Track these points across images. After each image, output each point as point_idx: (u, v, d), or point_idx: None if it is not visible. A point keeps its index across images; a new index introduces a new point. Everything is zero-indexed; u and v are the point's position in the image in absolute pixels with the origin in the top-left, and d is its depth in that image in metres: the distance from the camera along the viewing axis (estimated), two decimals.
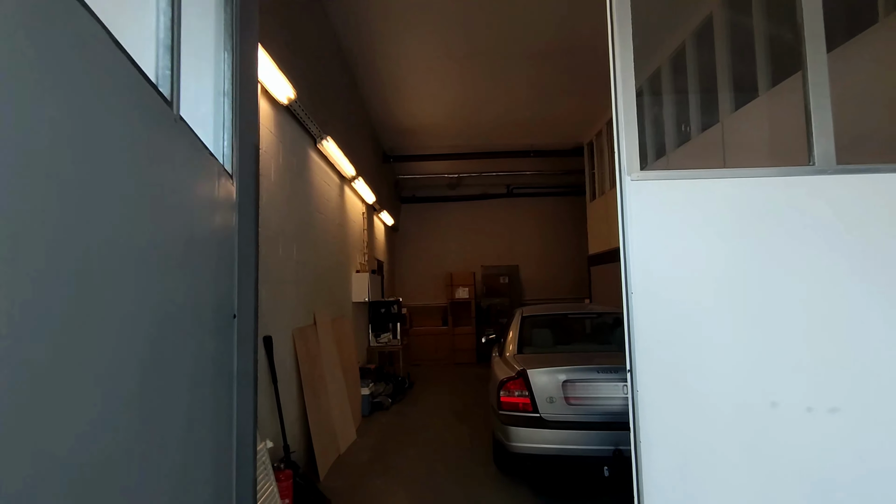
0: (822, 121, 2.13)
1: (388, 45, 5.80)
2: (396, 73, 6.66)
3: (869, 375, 2.03)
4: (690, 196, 2.16)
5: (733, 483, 2.03)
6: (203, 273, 1.55)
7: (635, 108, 2.13)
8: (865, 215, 2.08)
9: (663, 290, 2.10)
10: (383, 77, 6.78)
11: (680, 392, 2.06)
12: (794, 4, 2.17)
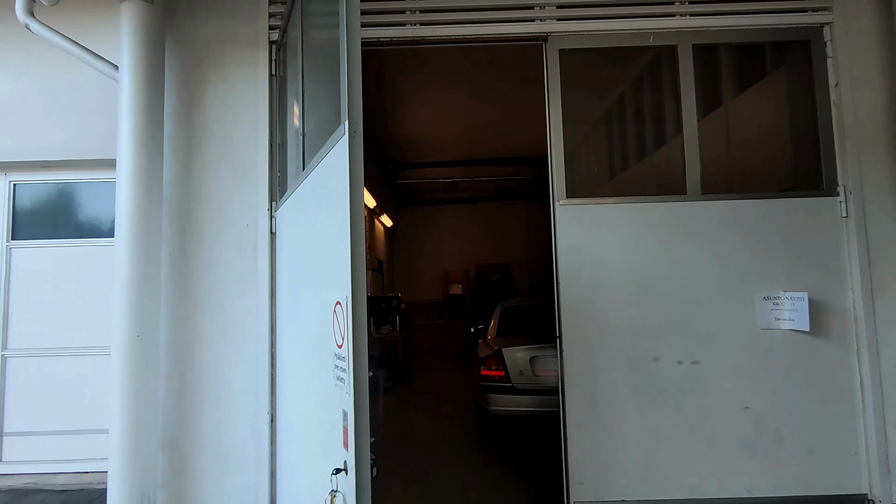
0: (692, 164, 3.07)
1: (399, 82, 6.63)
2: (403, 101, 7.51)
3: (718, 338, 2.97)
4: (603, 214, 3.09)
5: (626, 411, 2.97)
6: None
7: (563, 157, 3.06)
8: (716, 226, 3.02)
9: (582, 278, 3.04)
10: (392, 104, 7.64)
11: (591, 350, 3.00)
12: (679, 88, 3.10)
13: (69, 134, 4.37)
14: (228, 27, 3.16)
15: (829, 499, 2.92)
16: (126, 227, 2.76)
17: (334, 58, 1.91)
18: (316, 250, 2.04)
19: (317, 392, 1.94)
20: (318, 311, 1.97)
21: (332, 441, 1.72)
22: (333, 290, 1.75)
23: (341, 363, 1.66)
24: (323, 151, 1.98)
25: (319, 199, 1.99)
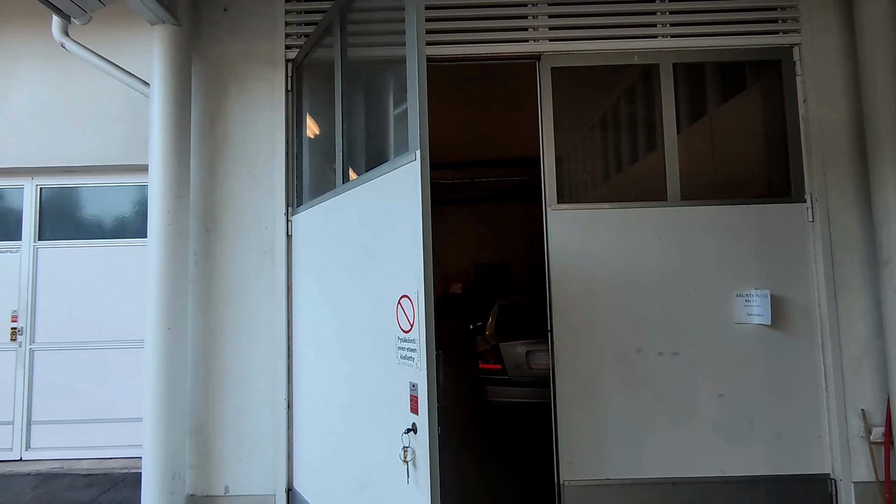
0: (672, 173, 3.36)
1: None
2: None
3: (696, 331, 3.27)
4: (591, 219, 3.38)
5: (611, 399, 3.26)
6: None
7: (554, 167, 3.35)
8: (694, 230, 3.31)
9: (571, 277, 3.33)
10: None
11: (580, 343, 3.29)
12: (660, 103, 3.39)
13: (92, 141, 4.66)
14: (248, 46, 3.44)
15: (795, 478, 3.22)
16: (157, 229, 3.05)
17: (375, 82, 2.19)
18: (370, 253, 2.35)
19: (373, 371, 2.28)
20: (372, 306, 2.30)
21: (398, 408, 2.08)
22: (399, 287, 2.09)
23: (409, 345, 2.02)
24: (381, 170, 2.29)
25: (378, 209, 2.30)
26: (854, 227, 3.28)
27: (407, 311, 2.05)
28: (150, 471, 2.96)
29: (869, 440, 3.15)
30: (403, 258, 2.07)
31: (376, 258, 2.32)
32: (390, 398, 2.16)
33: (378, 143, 2.60)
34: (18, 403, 4.65)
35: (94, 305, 4.75)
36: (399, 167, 2.14)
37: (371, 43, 2.60)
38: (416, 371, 1.96)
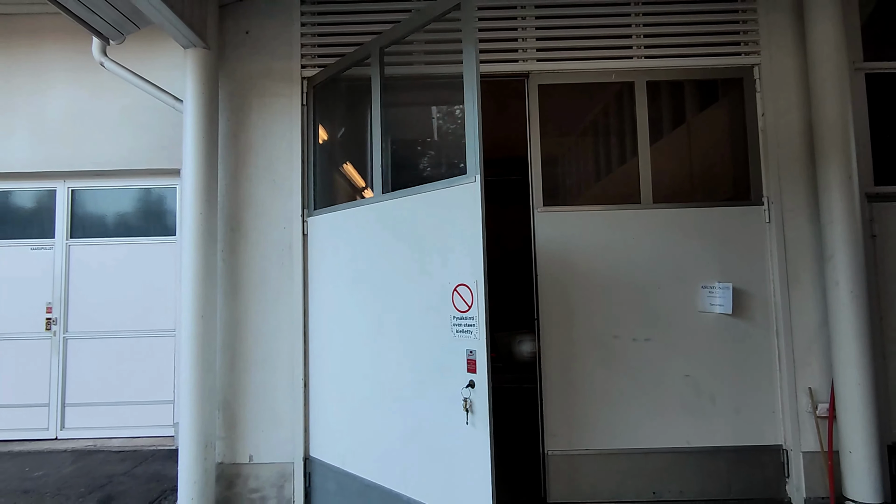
0: (645, 178, 3.79)
1: None
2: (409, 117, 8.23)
3: (665, 319, 3.70)
4: (573, 220, 3.80)
5: (591, 379, 3.69)
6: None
7: (541, 174, 3.78)
8: (664, 229, 3.74)
9: (555, 272, 3.76)
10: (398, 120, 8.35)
11: (563, 330, 3.72)
12: (635, 117, 3.82)
13: (119, 147, 5.09)
14: (268, 65, 3.86)
15: (751, 448, 3.66)
16: (190, 230, 3.47)
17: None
18: (423, 252, 2.93)
19: (428, 344, 2.88)
20: (426, 293, 2.89)
21: (453, 366, 2.72)
22: (454, 278, 2.72)
23: (467, 321, 2.64)
24: (436, 186, 2.88)
25: (433, 216, 2.89)
26: (805, 226, 3.71)
27: (465, 296, 2.65)
28: (185, 440, 3.39)
29: (815, 415, 3.59)
30: (461, 256, 2.70)
31: (431, 256, 2.87)
32: (446, 364, 2.77)
33: (412, 161, 3.10)
34: (53, 387, 5.08)
35: (121, 298, 5.18)
36: (457, 185, 2.75)
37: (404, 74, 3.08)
38: (475, 340, 2.60)
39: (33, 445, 4.93)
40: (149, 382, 5.10)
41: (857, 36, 3.88)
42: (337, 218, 3.52)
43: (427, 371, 2.90)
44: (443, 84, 3.87)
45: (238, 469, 3.64)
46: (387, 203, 3.18)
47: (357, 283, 3.36)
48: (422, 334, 2.92)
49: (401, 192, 3.10)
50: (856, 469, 3.38)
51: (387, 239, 3.17)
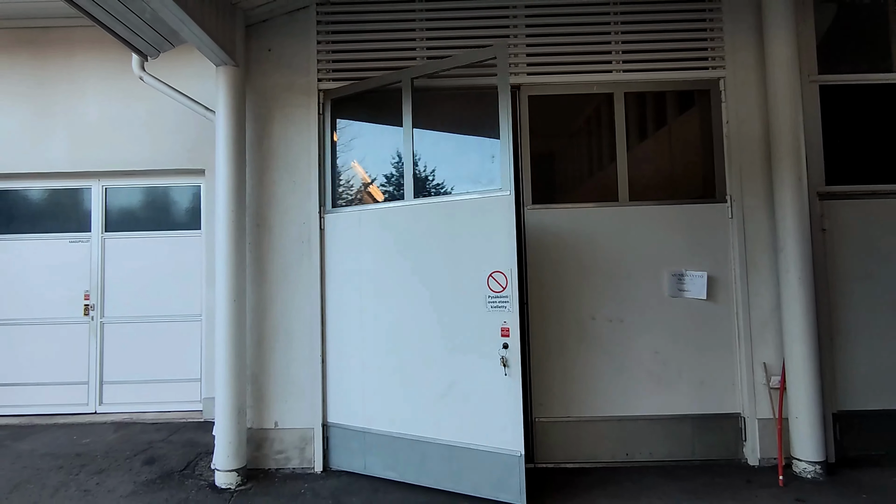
0: (622, 179, 4.28)
1: None
2: None
3: (638, 303, 4.21)
4: (559, 216, 4.30)
5: (572, 355, 4.22)
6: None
7: (530, 176, 4.27)
8: (638, 224, 4.24)
9: (543, 261, 4.26)
10: None
11: (548, 313, 4.23)
12: (614, 128, 4.31)
13: (148, 149, 5.60)
14: (288, 79, 4.35)
15: (713, 416, 4.18)
16: (224, 225, 3.98)
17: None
18: (459, 246, 3.69)
19: (466, 318, 3.66)
20: (461, 278, 3.67)
21: (490, 333, 3.53)
22: (489, 266, 3.55)
23: (501, 299, 3.49)
24: (471, 194, 3.68)
25: (468, 219, 3.68)
26: (762, 221, 4.21)
27: (499, 280, 3.51)
28: (221, 408, 3.93)
29: (769, 387, 4.11)
30: (495, 249, 3.53)
31: (466, 248, 3.66)
32: (483, 332, 3.58)
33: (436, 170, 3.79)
34: (92, 367, 5.64)
35: (150, 286, 5.71)
36: (490, 195, 3.59)
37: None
38: (508, 313, 3.48)
39: (76, 418, 5.49)
40: (177, 362, 5.64)
41: (813, 52, 4.35)
42: (361, 215, 4.07)
43: (463, 339, 3.66)
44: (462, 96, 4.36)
45: (265, 433, 4.19)
46: (418, 206, 3.86)
47: (383, 272, 3.97)
48: (457, 310, 3.68)
49: (435, 197, 3.81)
50: (801, 433, 3.91)
51: (418, 235, 3.85)
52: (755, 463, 4.09)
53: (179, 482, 3.97)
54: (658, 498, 3.60)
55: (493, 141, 3.67)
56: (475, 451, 3.60)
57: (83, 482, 3.98)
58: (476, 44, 4.32)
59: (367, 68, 4.37)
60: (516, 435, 3.43)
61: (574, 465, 4.17)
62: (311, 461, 4.16)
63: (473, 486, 3.59)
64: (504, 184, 3.54)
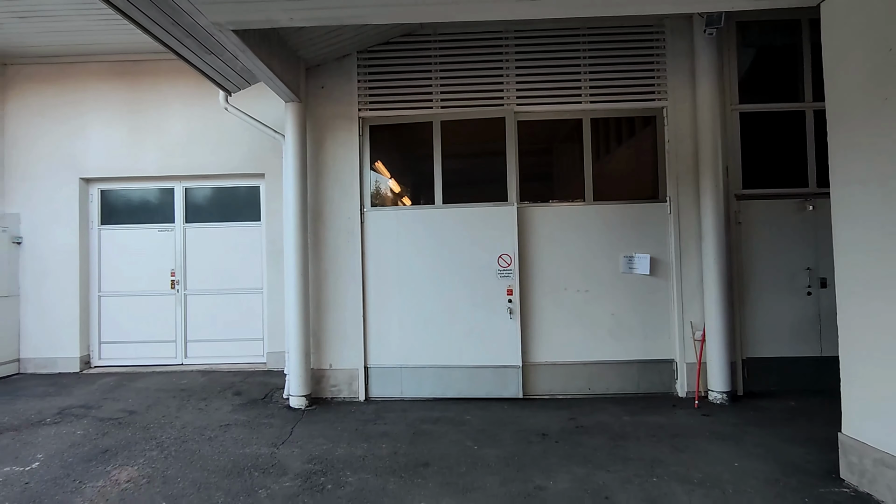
0: (588, 184, 5.69)
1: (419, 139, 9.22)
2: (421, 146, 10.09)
3: (599, 278, 5.65)
4: (541, 212, 5.72)
5: (550, 316, 5.68)
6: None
7: (517, 182, 5.69)
8: (601, 219, 5.66)
9: (529, 247, 5.70)
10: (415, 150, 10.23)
11: (532, 285, 5.69)
12: (582, 144, 5.71)
13: (218, 157, 7.07)
14: (336, 109, 5.78)
15: (654, 361, 5.64)
16: (292, 220, 5.46)
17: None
18: (479, 236, 5.56)
19: (480, 283, 5.59)
20: (475, 254, 5.61)
21: (499, 293, 5.49)
22: (498, 250, 5.59)
23: (507, 271, 5.61)
24: (485, 205, 5.52)
25: (484, 220, 5.63)
26: (692, 216, 5.60)
27: (505, 259, 5.57)
28: (293, 352, 5.45)
29: (694, 339, 5.55)
30: (503, 239, 5.51)
31: (480, 238, 5.52)
32: (493, 292, 5.62)
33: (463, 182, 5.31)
34: (178, 328, 7.21)
35: (221, 265, 7.24)
36: (499, 205, 5.53)
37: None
38: (512, 280, 5.56)
39: (169, 368, 7.09)
40: (244, 325, 7.20)
41: (735, 86, 5.68)
42: (404, 214, 5.63)
43: (477, 296, 5.60)
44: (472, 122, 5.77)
45: (323, 372, 5.73)
46: (450, 210, 5.57)
47: (420, 254, 5.61)
48: (475, 277, 5.56)
49: (466, 204, 5.58)
50: (714, 372, 5.37)
51: (451, 229, 5.52)
52: (683, 394, 5.56)
53: (263, 405, 5.53)
54: (608, 415, 5.07)
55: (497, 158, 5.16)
56: (489, 368, 5.46)
57: (195, 404, 5.55)
58: (478, 83, 5.72)
59: (395, 100, 5.79)
60: (517, 355, 5.45)
61: (550, 396, 5.66)
62: (357, 392, 5.70)
63: (487, 391, 5.45)
64: (511, 198, 5.64)
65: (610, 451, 4.14)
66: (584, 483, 3.60)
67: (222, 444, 4.42)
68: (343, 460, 4.06)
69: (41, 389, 6.24)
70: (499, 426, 4.78)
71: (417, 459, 4.05)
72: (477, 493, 3.49)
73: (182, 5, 3.67)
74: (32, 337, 7.05)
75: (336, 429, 4.79)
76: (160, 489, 3.61)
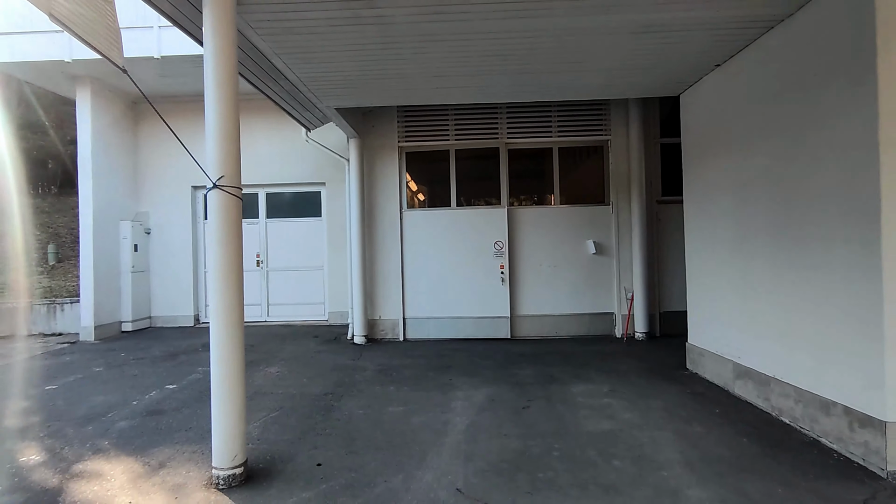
0: (556, 193, 8.33)
1: (431, 165, 11.83)
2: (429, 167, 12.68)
3: (565, 257, 8.31)
4: (524, 212, 8.35)
5: (529, 284, 8.34)
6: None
7: (508, 192, 8.32)
8: (565, 218, 8.29)
9: (515, 237, 8.35)
10: (427, 173, 12.81)
11: (518, 264, 8.34)
12: (552, 165, 8.33)
13: (290, 170, 9.73)
14: (382, 140, 8.40)
15: (601, 313, 8.30)
16: (356, 217, 8.11)
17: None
18: (480, 229, 8.13)
19: (482, 261, 8.17)
20: (482, 242, 8.15)
21: (493, 268, 8.08)
22: (494, 238, 8.18)
23: (501, 252, 8.28)
24: (484, 206, 7.48)
25: (484, 219, 7.96)
26: (626, 216, 8.21)
27: (499, 244, 8.21)
28: (356, 307, 8.15)
29: (627, 298, 8.20)
30: (497, 231, 8.00)
31: (480, 230, 8.06)
32: (491, 267, 8.12)
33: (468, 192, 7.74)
34: (262, 295, 9.93)
35: (293, 249, 9.93)
36: (495, 207, 7.97)
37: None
38: (504, 259, 8.17)
39: (257, 323, 9.81)
40: (311, 293, 9.89)
41: (658, 125, 8.26)
42: (429, 214, 8.22)
43: (480, 270, 8.07)
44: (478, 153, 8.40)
45: (375, 321, 8.43)
46: (459, 211, 7.98)
47: (441, 241, 8.12)
48: (478, 257, 8.01)
49: (472, 207, 7.82)
50: (638, 320, 8.03)
51: (462, 224, 7.95)
52: (619, 335, 8.22)
53: (336, 343, 8.24)
54: (565, 345, 7.72)
55: (494, 175, 7.75)
56: (488, 318, 8.06)
57: (290, 342, 8.26)
58: (481, 124, 8.33)
59: (423, 135, 8.40)
60: (507, 309, 8.00)
61: (530, 337, 8.34)
62: (398, 335, 8.39)
63: (486, 334, 8.06)
64: (503, 202, 7.99)
65: (560, 360, 6.82)
66: (541, 372, 6.28)
67: (321, 359, 7.14)
68: (397, 365, 6.75)
69: (177, 334, 8.99)
70: (493, 351, 7.47)
71: (443, 365, 6.74)
72: (479, 376, 6.17)
73: (308, 96, 6.29)
74: (159, 300, 9.79)
75: (388, 353, 7.49)
76: (297, 375, 6.32)
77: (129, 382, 6.04)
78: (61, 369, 6.70)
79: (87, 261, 8.57)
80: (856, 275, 3.53)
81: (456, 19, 4.20)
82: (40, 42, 7.87)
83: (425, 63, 5.21)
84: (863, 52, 3.43)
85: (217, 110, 3.62)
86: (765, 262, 4.60)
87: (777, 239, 4.41)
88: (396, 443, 4.13)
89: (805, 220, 4.05)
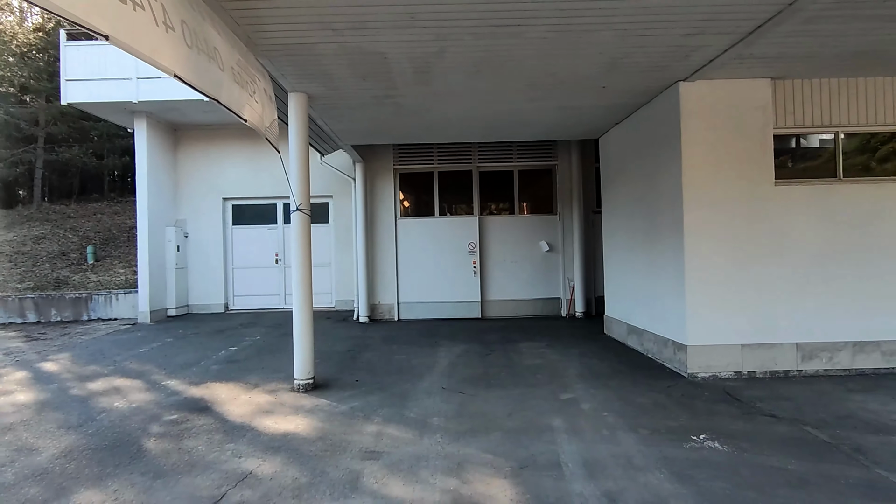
0: (517, 205, 10.79)
1: (418, 183, 14.22)
2: (420, 184, 15.07)
3: (522, 255, 10.78)
4: (493, 220, 10.78)
5: (497, 273, 10.78)
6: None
7: (479, 204, 10.76)
8: (527, 225, 10.76)
9: (485, 241, 10.78)
10: (419, 189, 15.18)
11: (489, 261, 10.78)
12: (513, 183, 10.80)
13: None
14: (380, 164, 10.74)
15: (549, 298, 10.78)
16: (360, 224, 10.42)
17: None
18: (457, 234, 10.50)
19: (459, 258, 10.48)
20: (458, 244, 10.44)
21: (468, 263, 10.39)
22: (467, 240, 10.55)
23: (473, 251, 10.62)
24: (464, 217, 9.86)
25: (458, 227, 10.12)
26: (570, 223, 10.71)
27: (472, 245, 10.68)
28: (361, 294, 10.45)
29: (569, 286, 10.70)
30: (471, 234, 10.40)
31: (457, 234, 10.41)
32: (466, 262, 10.43)
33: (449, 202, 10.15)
34: (280, 287, 12.16)
35: None
36: (469, 216, 10.38)
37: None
38: (476, 256, 10.62)
39: (276, 311, 11.99)
40: (321, 285, 12.13)
41: (593, 152, 10.79)
42: (417, 221, 10.57)
43: (457, 265, 10.46)
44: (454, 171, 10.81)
45: (376, 305, 10.75)
46: (440, 220, 10.31)
47: (427, 243, 10.48)
48: (457, 256, 10.46)
49: (451, 216, 10.24)
50: (578, 302, 10.54)
51: (443, 229, 10.29)
52: (564, 315, 10.71)
53: (345, 322, 10.52)
54: (523, 322, 10.16)
55: (468, 191, 10.17)
56: (463, 303, 10.36)
57: None
58: (458, 153, 10.74)
59: (413, 160, 10.76)
60: (478, 295, 10.37)
61: (496, 317, 10.76)
62: (394, 316, 10.73)
63: (462, 314, 10.43)
64: (475, 212, 10.27)
65: (517, 330, 9.25)
66: (501, 337, 8.69)
67: (337, 332, 9.43)
68: (397, 336, 9.09)
69: (213, 318, 11.15)
70: (467, 327, 9.86)
71: (430, 334, 9.11)
72: (457, 340, 8.54)
73: (332, 137, 8.58)
74: (195, 292, 11.92)
75: (388, 328, 9.82)
76: (325, 341, 8.59)
77: (201, 346, 8.25)
78: (140, 341, 8.84)
79: (144, 259, 10.68)
80: (675, 257, 6.04)
81: (444, 101, 6.59)
82: (109, 87, 9.98)
83: (421, 122, 7.59)
84: (675, 128, 5.94)
85: (297, 164, 5.93)
86: (641, 253, 7.10)
87: (647, 239, 6.91)
88: (404, 371, 6.49)
89: (658, 226, 6.55)
